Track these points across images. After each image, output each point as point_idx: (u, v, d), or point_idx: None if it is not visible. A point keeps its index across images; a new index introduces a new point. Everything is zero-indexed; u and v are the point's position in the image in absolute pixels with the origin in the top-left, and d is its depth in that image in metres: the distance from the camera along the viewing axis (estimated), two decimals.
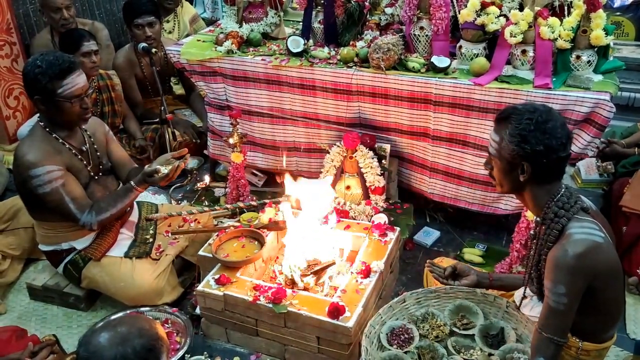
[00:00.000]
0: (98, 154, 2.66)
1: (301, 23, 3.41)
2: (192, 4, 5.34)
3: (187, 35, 4.22)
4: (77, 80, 2.38)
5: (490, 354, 1.95)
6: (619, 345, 2.38)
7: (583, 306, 1.70)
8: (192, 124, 4.04)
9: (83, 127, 2.59)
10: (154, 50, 3.53)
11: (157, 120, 3.76)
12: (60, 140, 2.49)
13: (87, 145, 2.60)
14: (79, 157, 2.54)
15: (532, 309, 1.99)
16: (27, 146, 2.42)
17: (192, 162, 3.85)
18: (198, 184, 3.61)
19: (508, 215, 3.10)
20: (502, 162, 1.78)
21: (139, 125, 3.85)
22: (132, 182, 2.56)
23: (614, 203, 2.95)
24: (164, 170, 2.52)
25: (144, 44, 3.59)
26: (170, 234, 2.78)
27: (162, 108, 3.58)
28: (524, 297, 2.01)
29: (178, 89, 4.43)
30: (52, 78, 2.31)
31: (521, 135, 1.69)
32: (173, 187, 3.60)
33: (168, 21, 4.62)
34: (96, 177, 2.63)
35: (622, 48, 4.25)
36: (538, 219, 1.82)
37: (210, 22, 5.20)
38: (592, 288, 1.68)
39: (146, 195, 3.34)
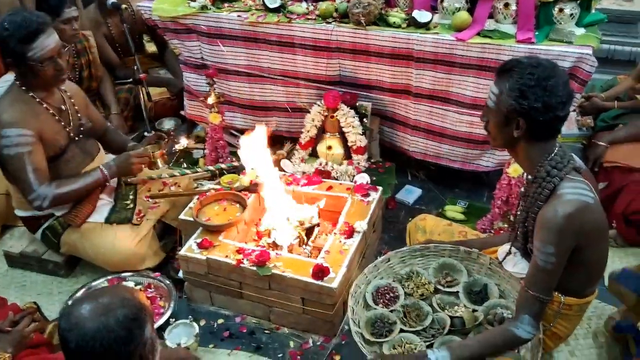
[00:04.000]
0: (78, 114, 2.57)
1: None
2: None
3: None
4: (47, 42, 2.27)
5: (474, 310, 1.97)
6: (597, 297, 2.43)
7: (569, 264, 1.71)
8: (168, 79, 3.92)
9: (61, 87, 2.49)
10: (123, 6, 3.37)
11: (131, 80, 3.63)
12: (38, 100, 2.39)
13: (67, 105, 2.51)
14: (57, 117, 2.45)
15: (515, 265, 2.01)
16: (4, 105, 2.33)
17: (168, 124, 3.76)
18: (175, 146, 3.53)
19: (489, 172, 3.11)
20: (498, 115, 1.73)
21: (115, 94, 3.69)
22: (101, 165, 2.49)
23: None
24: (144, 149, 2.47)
25: (112, 0, 3.43)
26: (150, 199, 2.72)
27: (136, 68, 3.47)
28: (509, 253, 2.02)
29: (150, 47, 4.28)
30: (20, 41, 2.20)
31: (521, 90, 1.64)
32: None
33: None
34: (76, 139, 2.54)
35: (601, 0, 4.21)
36: (530, 177, 1.81)
37: None
38: (579, 247, 1.69)
39: None
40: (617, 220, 2.74)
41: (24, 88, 2.37)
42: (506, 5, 2.69)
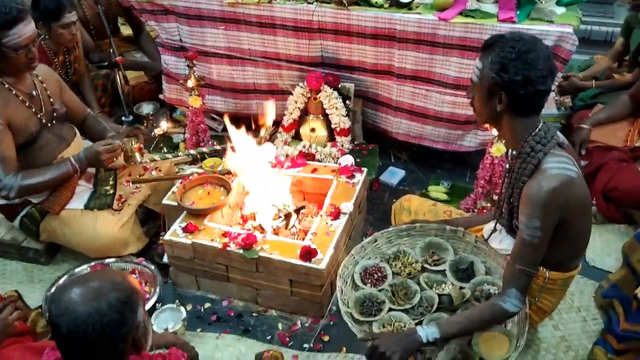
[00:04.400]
0: (51, 100, 2.49)
1: None
2: None
3: None
4: (25, 30, 2.20)
5: (461, 287, 1.99)
6: (579, 273, 2.48)
7: (553, 238, 1.74)
8: (145, 63, 3.84)
9: (33, 72, 2.42)
10: None
11: (107, 64, 3.54)
12: (7, 86, 2.32)
13: (38, 90, 2.43)
14: (28, 103, 2.38)
15: (501, 242, 2.03)
16: None
17: (147, 108, 3.69)
18: (155, 131, 3.47)
19: (470, 152, 3.13)
20: (482, 90, 1.74)
21: (94, 92, 3.58)
22: (71, 157, 2.42)
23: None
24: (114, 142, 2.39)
25: None
26: (131, 184, 2.67)
27: (112, 51, 3.39)
28: (494, 230, 2.04)
29: (125, 30, 4.18)
30: None
31: (501, 63, 1.65)
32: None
33: None
34: (49, 125, 2.47)
35: None
36: (514, 152, 1.82)
37: None
38: (564, 221, 1.71)
39: None
40: (597, 198, 2.79)
41: None
42: None
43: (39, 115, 2.43)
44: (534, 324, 2.09)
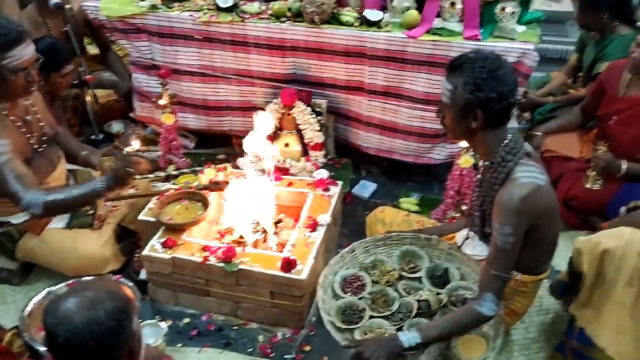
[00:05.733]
0: (41, 124, 2.47)
1: None
2: None
3: None
4: (24, 52, 2.18)
5: (437, 293, 2.06)
6: (548, 277, 2.60)
7: (524, 243, 1.83)
8: (113, 81, 3.83)
9: None
10: (67, 6, 3.28)
11: (77, 83, 3.52)
12: (4, 112, 2.29)
13: (30, 115, 2.41)
14: (23, 129, 2.35)
15: (474, 249, 2.12)
16: None
17: (117, 126, 3.67)
18: (126, 149, 3.45)
19: (437, 165, 3.24)
20: (455, 109, 1.83)
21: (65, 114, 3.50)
22: (98, 178, 2.35)
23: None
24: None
25: (55, 0, 3.31)
26: (109, 202, 2.66)
27: (82, 69, 3.38)
28: (467, 237, 2.13)
29: (92, 49, 4.16)
30: None
31: (475, 83, 1.74)
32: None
33: None
34: (40, 149, 2.45)
35: (534, 1, 4.46)
36: (486, 163, 1.92)
37: None
38: (534, 226, 1.81)
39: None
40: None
41: None
42: (452, 4, 2.82)
43: (31, 141, 2.40)
44: (507, 327, 2.17)
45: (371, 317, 1.99)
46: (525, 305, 2.11)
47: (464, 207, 2.74)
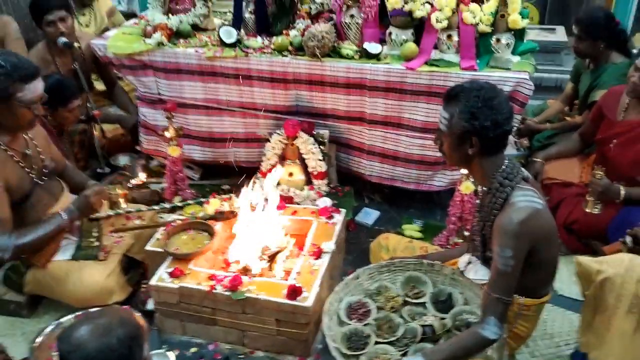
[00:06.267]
0: (42, 157, 2.54)
1: (229, 13, 3.41)
2: None
3: (106, 29, 4.08)
4: (38, 86, 2.29)
5: (442, 318, 2.08)
6: (550, 302, 2.62)
7: (525, 266, 1.86)
8: (119, 116, 3.92)
9: None
10: (76, 44, 3.39)
11: (84, 118, 3.61)
12: (3, 147, 2.36)
13: (30, 149, 2.48)
14: (22, 163, 2.42)
15: (477, 273, 2.15)
16: None
17: (123, 159, 3.75)
18: (132, 181, 3.52)
19: (439, 192, 3.29)
20: (452, 137, 1.90)
21: (72, 148, 3.59)
22: (60, 210, 2.44)
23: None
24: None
25: (64, 40, 3.41)
26: (114, 233, 2.71)
27: (89, 105, 3.47)
28: (469, 262, 2.17)
29: (98, 85, 4.27)
30: (15, 80, 2.20)
31: (471, 112, 1.82)
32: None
33: (84, 14, 4.42)
34: (41, 182, 2.51)
35: (529, 32, 4.58)
36: (485, 188, 1.97)
37: (126, 14, 5.03)
38: (534, 249, 1.85)
39: None
40: (559, 231, 2.95)
41: None
42: (449, 36, 2.92)
43: (31, 174, 2.46)
44: (512, 351, 2.19)
45: (376, 343, 2.00)
46: (529, 329, 2.13)
47: (466, 233, 2.78)
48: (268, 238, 2.56)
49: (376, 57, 2.93)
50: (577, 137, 3.22)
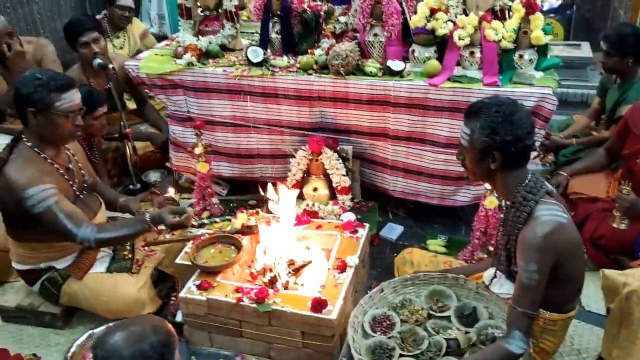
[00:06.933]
0: (82, 171, 2.65)
1: (256, 34, 3.51)
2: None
3: (139, 51, 4.23)
4: (75, 96, 2.40)
5: (466, 332, 2.09)
6: (576, 317, 2.60)
7: (550, 280, 1.87)
8: (150, 133, 4.04)
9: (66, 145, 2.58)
10: (110, 66, 3.53)
11: (117, 136, 3.73)
12: (49, 160, 2.46)
13: (72, 163, 2.59)
14: (66, 176, 2.52)
15: (501, 287, 2.16)
16: (16, 169, 2.36)
17: (154, 176, 3.85)
18: (163, 196, 3.60)
19: (463, 207, 3.30)
20: (473, 152, 1.93)
21: (105, 165, 3.73)
22: (146, 217, 2.49)
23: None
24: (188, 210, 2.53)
25: (99, 61, 3.56)
26: (146, 247, 2.80)
27: (122, 123, 3.58)
28: (494, 277, 2.18)
29: (130, 104, 4.42)
30: (52, 91, 2.31)
31: (491, 127, 1.85)
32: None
33: (118, 37, 4.61)
34: (81, 196, 2.61)
35: (553, 48, 4.59)
36: (508, 203, 1.99)
37: (158, 37, 5.20)
38: (558, 263, 1.86)
39: None
40: (586, 246, 2.93)
41: (35, 149, 2.42)
42: (472, 53, 2.96)
43: (73, 188, 2.56)
44: None
45: (401, 355, 2.02)
46: (556, 344, 2.12)
47: (490, 248, 2.79)
48: (293, 252, 2.61)
49: (399, 74, 2.99)
50: (603, 152, 3.21)
